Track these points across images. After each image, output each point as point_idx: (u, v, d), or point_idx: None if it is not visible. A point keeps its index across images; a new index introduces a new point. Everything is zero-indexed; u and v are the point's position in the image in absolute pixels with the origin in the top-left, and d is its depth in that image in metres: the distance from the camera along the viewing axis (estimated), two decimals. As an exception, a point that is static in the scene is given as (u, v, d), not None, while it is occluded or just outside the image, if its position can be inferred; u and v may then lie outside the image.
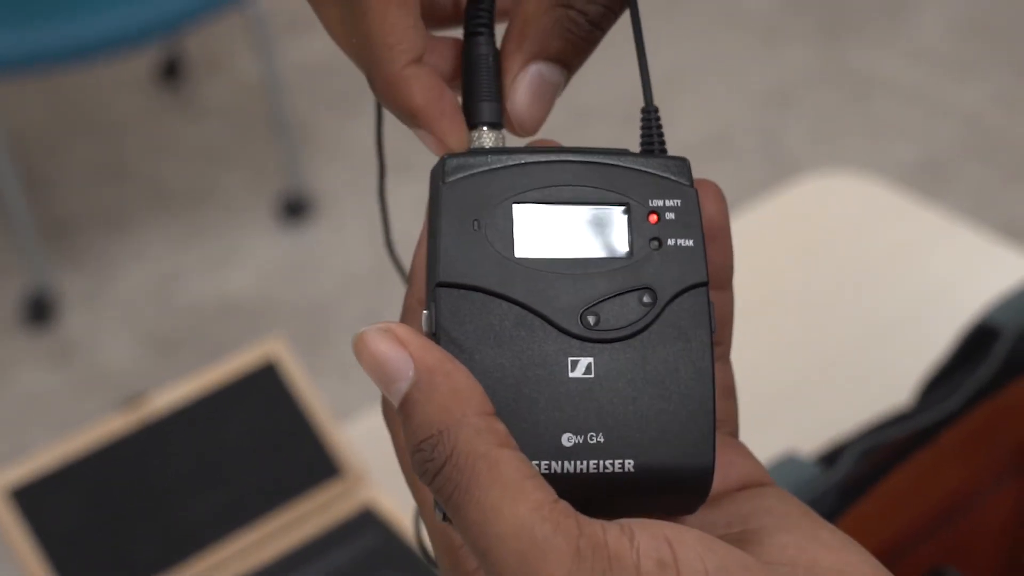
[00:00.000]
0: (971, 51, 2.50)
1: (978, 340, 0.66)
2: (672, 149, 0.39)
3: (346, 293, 2.10)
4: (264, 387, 0.84)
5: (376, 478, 0.85)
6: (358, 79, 0.41)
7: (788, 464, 0.62)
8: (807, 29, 2.58)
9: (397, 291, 1.90)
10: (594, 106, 2.36)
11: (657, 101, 0.41)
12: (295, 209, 2.24)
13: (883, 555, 0.62)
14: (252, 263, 2.18)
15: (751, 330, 0.94)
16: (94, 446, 0.80)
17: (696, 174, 0.38)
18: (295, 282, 2.14)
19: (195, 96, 2.53)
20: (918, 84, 2.43)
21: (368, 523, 0.81)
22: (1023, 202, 2.17)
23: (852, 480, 0.61)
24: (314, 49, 2.57)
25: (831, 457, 0.62)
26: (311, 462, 0.83)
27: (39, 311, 2.08)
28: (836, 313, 0.95)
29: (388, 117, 0.41)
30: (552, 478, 0.34)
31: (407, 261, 0.41)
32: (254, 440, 0.83)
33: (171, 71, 2.54)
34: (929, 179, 2.21)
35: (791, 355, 0.92)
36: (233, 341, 2.04)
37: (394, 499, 0.83)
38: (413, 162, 2.36)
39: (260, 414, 0.83)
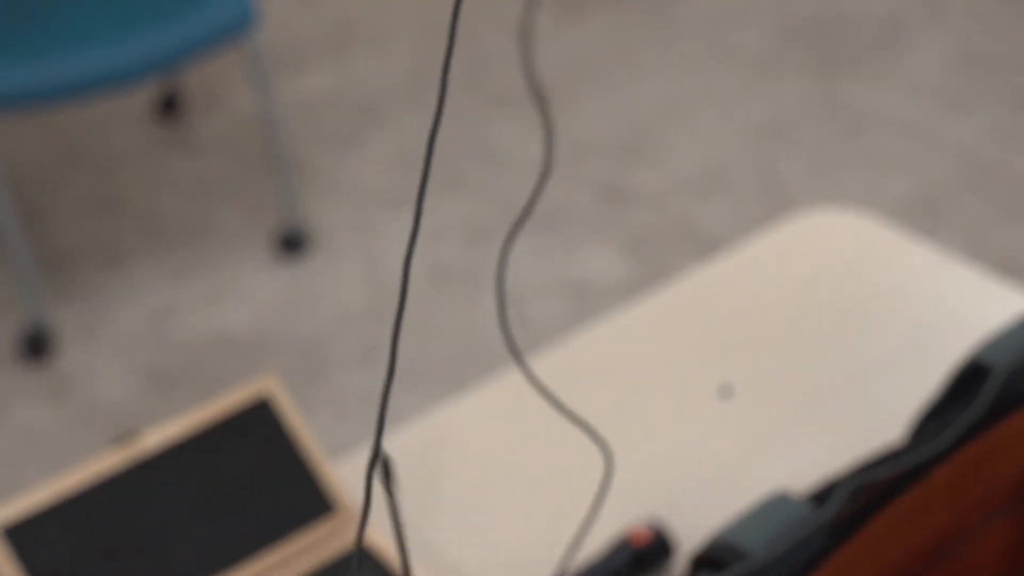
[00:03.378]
0: (966, 85, 2.51)
1: (969, 378, 0.66)
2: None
3: (342, 329, 2.10)
4: (257, 425, 0.84)
5: (370, 516, 0.85)
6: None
7: (779, 503, 0.62)
8: (802, 63, 2.59)
9: (392, 328, 1.89)
10: (589, 140, 2.37)
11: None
12: (292, 244, 2.24)
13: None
14: (249, 298, 2.18)
15: (746, 365, 0.94)
16: (86, 484, 0.80)
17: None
18: (291, 317, 2.14)
19: (193, 131, 2.54)
20: (913, 118, 2.44)
21: (362, 561, 0.81)
22: (1017, 238, 2.17)
23: (843, 518, 0.61)
24: (312, 85, 2.58)
25: (822, 496, 0.62)
26: (304, 500, 0.83)
27: (35, 346, 2.08)
28: (830, 350, 0.95)
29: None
30: None
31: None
32: (247, 478, 0.83)
33: (169, 106, 2.55)
34: (924, 213, 2.21)
35: (785, 391, 0.92)
36: (229, 376, 2.04)
37: (388, 537, 0.83)
38: (410, 199, 2.35)
39: (253, 452, 0.83)
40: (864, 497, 0.62)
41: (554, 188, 2.32)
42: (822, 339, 0.96)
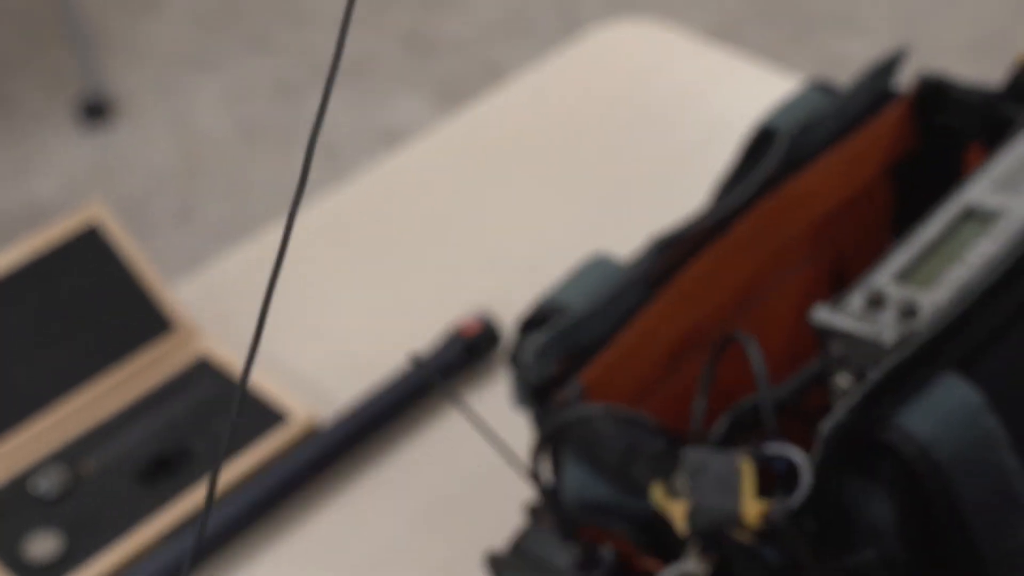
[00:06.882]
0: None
1: (760, 143, 0.72)
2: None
3: (156, 191, 2.09)
4: (89, 250, 0.85)
5: (208, 331, 0.88)
6: None
7: (598, 264, 0.67)
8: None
9: (208, 186, 1.91)
10: (392, -10, 2.35)
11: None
12: (96, 111, 2.20)
13: (684, 342, 0.67)
14: (56, 168, 2.14)
15: (550, 172, 0.99)
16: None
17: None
18: (103, 184, 2.11)
19: (-21, 3, 2.45)
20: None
21: (203, 373, 0.84)
22: (808, 60, 2.27)
23: (655, 273, 0.67)
24: (100, -52, 2.51)
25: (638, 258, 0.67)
26: (142, 320, 0.85)
27: None
28: (632, 149, 1.00)
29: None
30: None
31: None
32: (83, 302, 0.84)
33: (-49, -22, 2.45)
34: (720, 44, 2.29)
35: (585, 191, 0.97)
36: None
37: (227, 349, 0.86)
38: (215, 59, 2.31)
39: (87, 277, 0.85)
40: (673, 252, 0.67)
41: (360, 38, 2.32)
42: (624, 139, 1.01)
